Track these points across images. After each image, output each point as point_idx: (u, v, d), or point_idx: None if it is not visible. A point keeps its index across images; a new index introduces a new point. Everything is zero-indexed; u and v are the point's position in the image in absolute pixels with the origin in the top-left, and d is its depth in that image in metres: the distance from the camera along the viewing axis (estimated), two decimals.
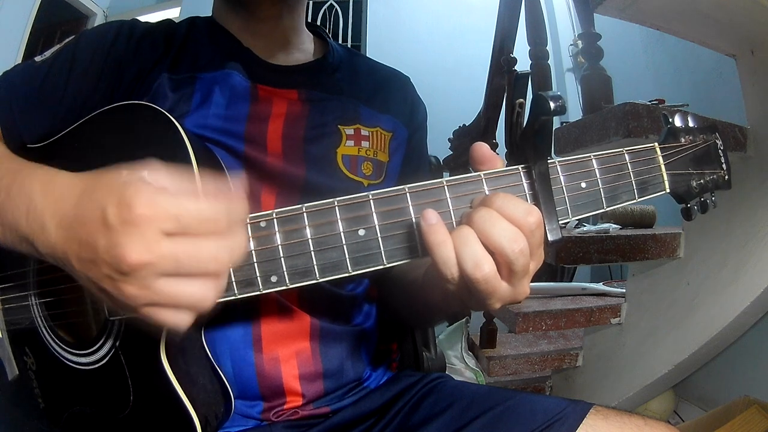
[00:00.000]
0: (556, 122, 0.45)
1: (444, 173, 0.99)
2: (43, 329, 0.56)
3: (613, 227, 1.70)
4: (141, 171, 0.36)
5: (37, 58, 0.62)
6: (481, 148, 0.43)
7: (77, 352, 0.53)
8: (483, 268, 0.38)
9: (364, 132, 0.68)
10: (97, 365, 0.51)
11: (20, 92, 0.59)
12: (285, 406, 0.61)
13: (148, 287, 0.34)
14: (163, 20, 0.69)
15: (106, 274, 0.35)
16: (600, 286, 1.87)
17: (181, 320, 0.36)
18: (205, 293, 0.35)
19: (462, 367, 1.78)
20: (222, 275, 0.36)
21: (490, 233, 0.38)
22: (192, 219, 0.34)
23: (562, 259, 1.44)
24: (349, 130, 0.66)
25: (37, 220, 0.39)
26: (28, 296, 0.56)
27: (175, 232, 0.34)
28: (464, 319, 1.89)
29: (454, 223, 0.42)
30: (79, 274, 0.37)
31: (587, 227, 1.71)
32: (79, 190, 0.38)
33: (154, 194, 0.33)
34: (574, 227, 1.77)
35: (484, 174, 0.42)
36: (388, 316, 0.73)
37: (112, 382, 0.51)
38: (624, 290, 1.72)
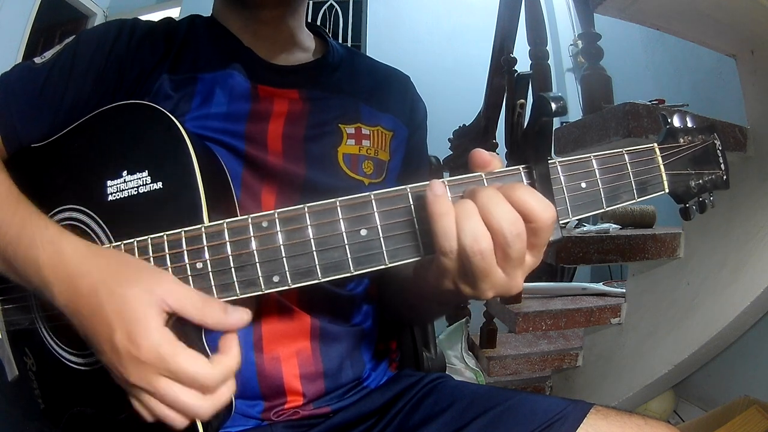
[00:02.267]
0: (556, 122, 0.45)
1: (444, 173, 0.99)
2: (43, 330, 0.56)
3: (613, 227, 1.70)
4: (153, 292, 0.41)
5: (37, 60, 0.61)
6: (480, 154, 0.43)
7: (77, 352, 0.53)
8: (481, 242, 0.38)
9: (365, 131, 0.68)
10: (97, 366, 0.51)
11: (19, 94, 0.59)
12: (285, 406, 0.61)
13: (141, 399, 0.42)
14: (164, 19, 0.69)
15: (113, 365, 0.42)
16: (600, 286, 1.87)
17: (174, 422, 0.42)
18: (179, 418, 0.42)
19: (462, 367, 1.78)
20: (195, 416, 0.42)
21: (491, 212, 0.38)
22: (185, 378, 0.40)
23: (562, 259, 1.44)
24: (350, 129, 0.66)
25: (47, 291, 0.44)
26: (28, 297, 0.56)
27: (171, 379, 0.40)
28: (464, 319, 1.89)
29: None
30: (83, 337, 0.44)
31: (587, 227, 1.71)
32: (87, 286, 0.42)
33: (157, 345, 0.39)
34: (574, 227, 1.77)
35: (485, 174, 0.42)
36: (386, 314, 0.74)
37: (113, 382, 0.51)
38: (624, 290, 1.72)
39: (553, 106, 0.38)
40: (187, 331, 0.51)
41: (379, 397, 0.66)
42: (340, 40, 3.83)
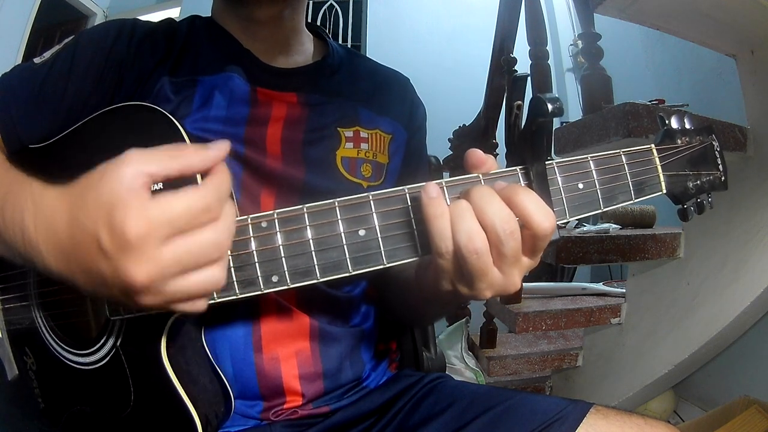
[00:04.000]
0: (556, 122, 0.45)
1: (444, 173, 0.99)
2: (44, 329, 0.56)
3: (613, 227, 1.70)
4: (122, 167, 0.35)
5: (36, 60, 0.61)
6: (474, 154, 0.43)
7: (78, 351, 0.53)
8: (475, 241, 0.39)
9: (363, 134, 0.68)
10: (97, 365, 0.52)
11: (19, 94, 0.59)
12: (285, 406, 0.61)
13: (161, 293, 0.35)
14: (164, 20, 0.68)
15: (120, 293, 0.36)
16: (600, 286, 1.87)
17: (199, 306, 0.38)
18: (215, 277, 0.37)
19: (462, 367, 1.78)
20: (225, 255, 0.38)
21: (484, 210, 0.39)
22: (184, 218, 0.35)
23: (562, 259, 1.44)
24: (348, 133, 0.67)
25: (34, 249, 0.39)
26: (28, 296, 0.56)
27: (172, 235, 0.34)
28: (464, 319, 1.89)
29: None
30: (89, 292, 0.39)
31: (587, 227, 1.71)
32: (66, 213, 0.37)
33: (141, 209, 0.34)
34: (574, 227, 1.77)
35: (482, 175, 0.43)
36: (387, 315, 0.74)
37: (113, 381, 0.51)
38: (624, 290, 1.72)
39: (550, 107, 0.39)
40: (187, 329, 0.51)
41: (378, 397, 0.66)
42: (340, 40, 3.84)
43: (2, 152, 0.56)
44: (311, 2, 4.01)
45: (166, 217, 0.34)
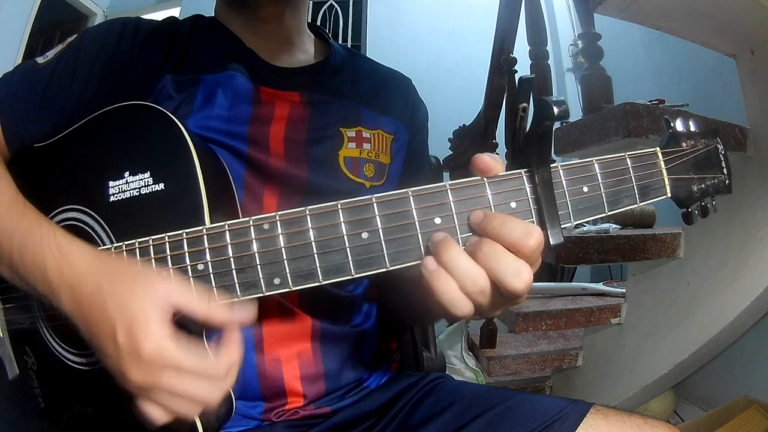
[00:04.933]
0: (556, 123, 0.45)
1: (444, 173, 0.99)
2: (44, 329, 0.56)
3: (613, 227, 1.70)
4: (158, 285, 0.41)
5: (39, 60, 0.61)
6: (483, 160, 0.43)
7: (78, 351, 0.53)
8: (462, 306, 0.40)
9: (366, 134, 0.68)
10: (98, 365, 0.51)
11: (23, 95, 0.59)
12: (286, 407, 0.61)
13: (148, 395, 0.41)
14: (167, 18, 0.68)
15: (115, 369, 0.41)
16: (600, 286, 1.87)
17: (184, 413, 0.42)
18: (196, 409, 0.42)
19: (462, 367, 1.78)
20: (215, 402, 0.43)
21: (495, 269, 0.39)
22: (190, 372, 0.40)
23: (562, 259, 1.44)
24: (351, 133, 0.67)
25: (53, 297, 0.44)
26: (29, 296, 0.56)
27: (176, 372, 0.40)
28: (464, 319, 1.89)
29: (456, 226, 0.42)
30: (88, 341, 0.44)
31: (587, 227, 1.71)
32: (93, 286, 0.42)
33: (159, 338, 0.39)
34: (574, 227, 1.77)
35: (487, 178, 0.42)
36: (387, 315, 0.74)
37: (113, 382, 0.51)
38: (624, 290, 1.72)
39: (556, 110, 0.38)
40: (190, 332, 0.51)
41: (379, 397, 0.66)
42: (340, 40, 3.83)
43: (5, 165, 0.56)
44: (311, 2, 4.00)
45: (175, 361, 0.39)
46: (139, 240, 0.46)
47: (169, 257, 0.45)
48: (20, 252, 0.46)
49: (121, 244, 0.47)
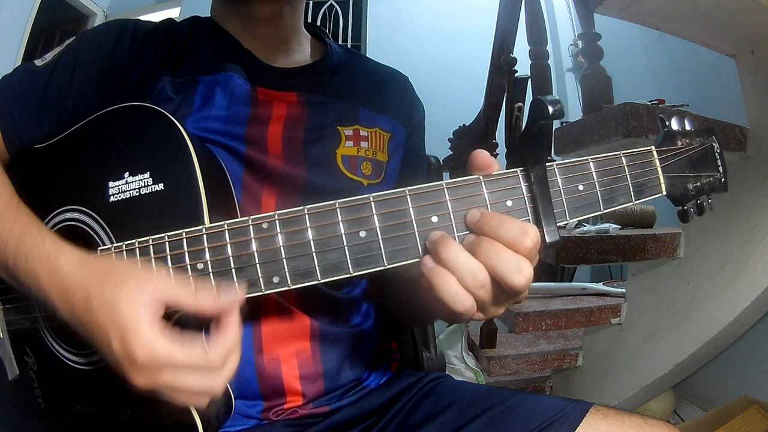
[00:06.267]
0: (556, 122, 0.45)
1: (444, 173, 0.99)
2: (44, 329, 0.56)
3: (613, 227, 1.70)
4: (144, 286, 0.41)
5: (38, 62, 0.61)
6: (480, 156, 0.43)
7: (78, 351, 0.54)
8: (465, 301, 0.41)
9: (363, 132, 0.68)
10: (98, 365, 0.52)
11: (21, 97, 0.59)
12: (285, 406, 0.61)
13: (153, 390, 0.42)
14: (165, 20, 0.69)
15: (120, 371, 0.42)
16: (600, 286, 1.87)
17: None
18: (202, 401, 0.43)
19: (462, 367, 1.79)
20: (217, 392, 0.43)
21: (495, 265, 0.39)
22: (185, 365, 0.41)
23: (562, 259, 1.44)
24: (348, 131, 0.67)
25: (49, 302, 0.45)
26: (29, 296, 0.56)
27: (173, 370, 0.41)
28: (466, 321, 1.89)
29: (453, 225, 0.42)
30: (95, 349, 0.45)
31: (587, 227, 1.71)
32: (82, 292, 0.43)
33: (150, 341, 0.40)
34: (574, 227, 1.77)
35: (483, 177, 0.43)
36: (386, 314, 0.74)
37: (114, 381, 0.51)
38: (624, 290, 1.72)
39: (550, 109, 0.39)
40: (189, 330, 0.51)
41: (378, 397, 0.66)
42: (340, 40, 3.84)
43: (3, 166, 0.57)
44: (311, 2, 4.01)
45: (169, 360, 0.40)
46: (139, 240, 0.46)
47: (168, 257, 0.45)
48: (15, 259, 0.47)
49: (121, 244, 0.47)
